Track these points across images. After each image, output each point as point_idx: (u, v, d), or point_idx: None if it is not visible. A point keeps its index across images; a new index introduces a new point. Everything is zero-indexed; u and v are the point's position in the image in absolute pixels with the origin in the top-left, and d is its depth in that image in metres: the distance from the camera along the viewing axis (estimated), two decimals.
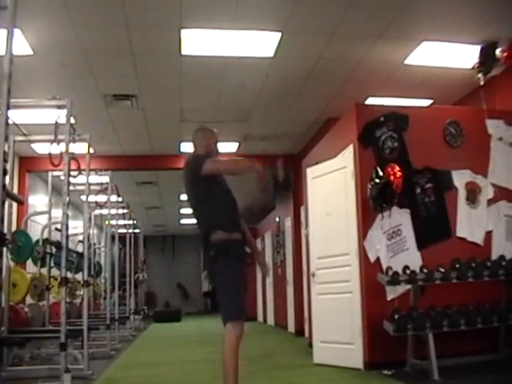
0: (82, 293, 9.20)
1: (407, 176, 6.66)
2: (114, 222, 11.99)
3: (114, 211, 11.60)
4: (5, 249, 6.17)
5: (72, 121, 6.18)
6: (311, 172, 7.95)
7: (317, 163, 7.87)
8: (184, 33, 6.57)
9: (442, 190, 6.98)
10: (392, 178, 6.43)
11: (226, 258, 4.08)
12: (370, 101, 8.79)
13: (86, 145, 7.46)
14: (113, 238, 12.18)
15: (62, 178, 6.19)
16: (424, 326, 5.97)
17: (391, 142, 6.91)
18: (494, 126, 7.29)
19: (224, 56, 7.23)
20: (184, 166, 4.50)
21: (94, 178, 9.40)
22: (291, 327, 12.87)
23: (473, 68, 7.19)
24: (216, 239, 4.11)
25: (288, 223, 13.20)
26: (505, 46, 6.81)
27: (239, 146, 11.51)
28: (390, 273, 6.25)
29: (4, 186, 3.52)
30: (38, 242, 8.66)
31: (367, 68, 7.76)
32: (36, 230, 10.84)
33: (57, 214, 9.05)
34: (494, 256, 6.76)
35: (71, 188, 6.48)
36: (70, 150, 6.06)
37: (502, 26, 6.59)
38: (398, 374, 6.06)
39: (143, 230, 18.86)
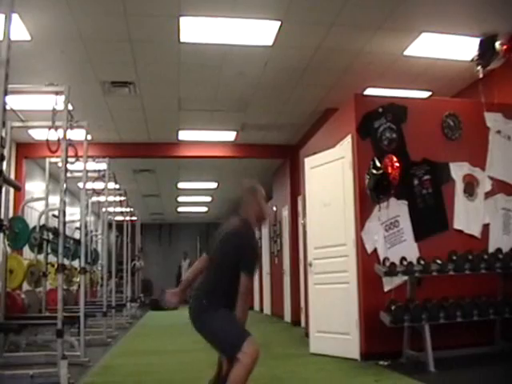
0: (78, 280, 9.20)
1: (405, 168, 6.66)
2: (111, 210, 11.97)
3: (111, 198, 11.58)
4: (2, 235, 6.21)
5: (70, 107, 6.15)
6: (309, 162, 7.94)
7: (315, 153, 7.86)
8: (183, 20, 6.55)
9: (439, 182, 6.98)
10: (389, 169, 6.42)
11: (215, 309, 3.86)
12: (369, 92, 8.77)
13: (83, 131, 7.43)
14: (110, 225, 12.17)
15: (60, 164, 6.17)
16: (420, 317, 5.98)
17: (389, 133, 6.90)
18: (492, 119, 7.28)
19: (223, 44, 7.21)
20: (233, 232, 4.04)
21: (92, 165, 9.38)
22: (288, 317, 12.89)
23: (472, 60, 7.18)
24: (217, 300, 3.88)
25: (285, 213, 13.20)
26: (504, 39, 6.80)
27: (237, 136, 11.49)
28: (387, 264, 6.25)
29: (1, 171, 3.52)
30: (34, 228, 8.64)
31: (366, 59, 7.75)
32: (33, 216, 10.83)
33: (54, 200, 9.04)
34: (491, 249, 6.76)
35: (68, 175, 6.44)
36: (68, 137, 6.03)
37: (501, 19, 6.58)
38: (393, 365, 6.08)
39: (140, 217, 18.85)
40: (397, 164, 6.47)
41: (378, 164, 6.51)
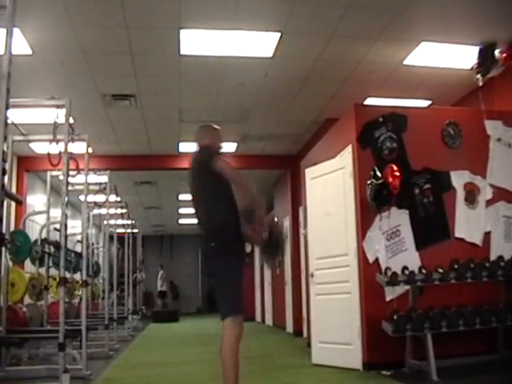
0: (80, 293, 9.19)
1: (406, 177, 6.65)
2: (112, 222, 11.98)
3: (112, 211, 11.58)
4: (3, 248, 6.21)
5: (71, 120, 6.17)
6: (310, 172, 7.95)
7: (315, 164, 7.87)
8: (183, 33, 6.57)
9: (440, 190, 6.98)
10: (390, 178, 6.42)
11: (231, 256, 4.02)
12: (369, 101, 8.79)
13: (84, 144, 7.45)
14: (111, 237, 12.17)
15: (61, 177, 6.19)
16: (423, 326, 5.96)
17: (390, 142, 6.90)
18: (492, 127, 7.28)
19: (223, 56, 7.23)
20: (192, 162, 4.34)
21: (93, 178, 9.39)
22: (289, 327, 12.85)
23: (471, 69, 7.19)
24: (225, 238, 4.06)
25: (286, 223, 13.18)
26: (504, 47, 6.83)
27: (238, 146, 11.50)
28: (389, 273, 6.24)
29: (3, 185, 3.52)
30: (36, 241, 8.64)
31: (366, 68, 7.77)
32: (34, 229, 10.83)
33: (55, 213, 9.04)
34: (493, 257, 6.75)
35: (70, 188, 6.46)
36: (69, 150, 6.05)
37: (500, 27, 6.60)
38: (396, 375, 6.05)
39: (142, 230, 18.85)
40: (397, 173, 6.47)
41: (379, 173, 6.51)
